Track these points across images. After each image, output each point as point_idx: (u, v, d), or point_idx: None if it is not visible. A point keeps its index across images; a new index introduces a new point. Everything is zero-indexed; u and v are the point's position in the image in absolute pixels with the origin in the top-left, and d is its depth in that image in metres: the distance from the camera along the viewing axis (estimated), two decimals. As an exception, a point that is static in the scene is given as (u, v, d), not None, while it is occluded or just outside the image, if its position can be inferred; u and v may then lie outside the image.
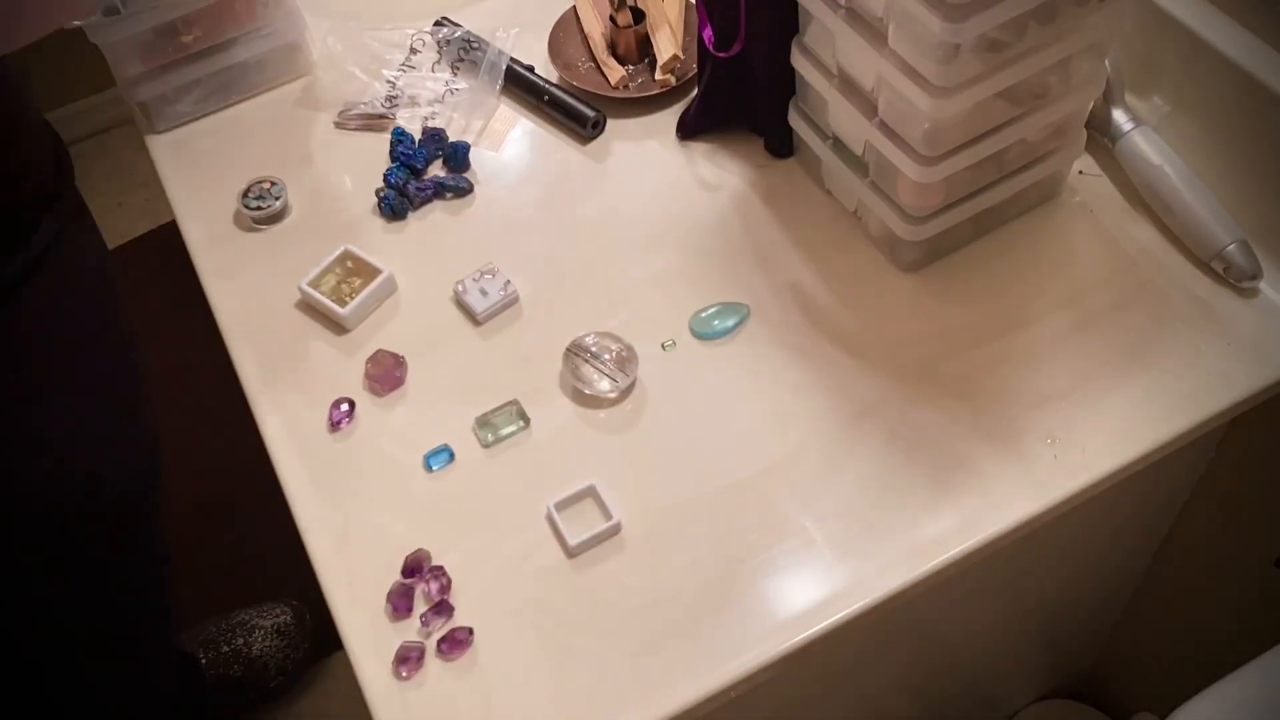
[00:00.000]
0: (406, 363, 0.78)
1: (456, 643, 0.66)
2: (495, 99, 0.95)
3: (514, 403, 0.76)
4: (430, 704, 0.64)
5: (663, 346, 0.78)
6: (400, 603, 0.67)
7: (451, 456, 0.74)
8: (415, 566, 0.69)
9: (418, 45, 0.98)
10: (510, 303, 0.81)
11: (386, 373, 0.77)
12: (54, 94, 2.15)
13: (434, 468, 0.74)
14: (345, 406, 0.76)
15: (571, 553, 0.69)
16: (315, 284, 0.82)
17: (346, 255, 0.83)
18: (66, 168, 0.77)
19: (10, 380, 0.72)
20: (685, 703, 0.63)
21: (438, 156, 0.91)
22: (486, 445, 0.74)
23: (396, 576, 0.69)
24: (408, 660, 0.65)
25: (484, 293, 0.81)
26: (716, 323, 0.79)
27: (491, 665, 0.66)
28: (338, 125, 0.94)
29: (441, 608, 0.67)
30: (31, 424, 0.74)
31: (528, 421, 0.75)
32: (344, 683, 1.54)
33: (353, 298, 0.80)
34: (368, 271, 0.82)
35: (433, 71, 0.96)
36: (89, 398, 0.79)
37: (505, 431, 0.75)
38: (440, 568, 0.69)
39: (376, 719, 0.64)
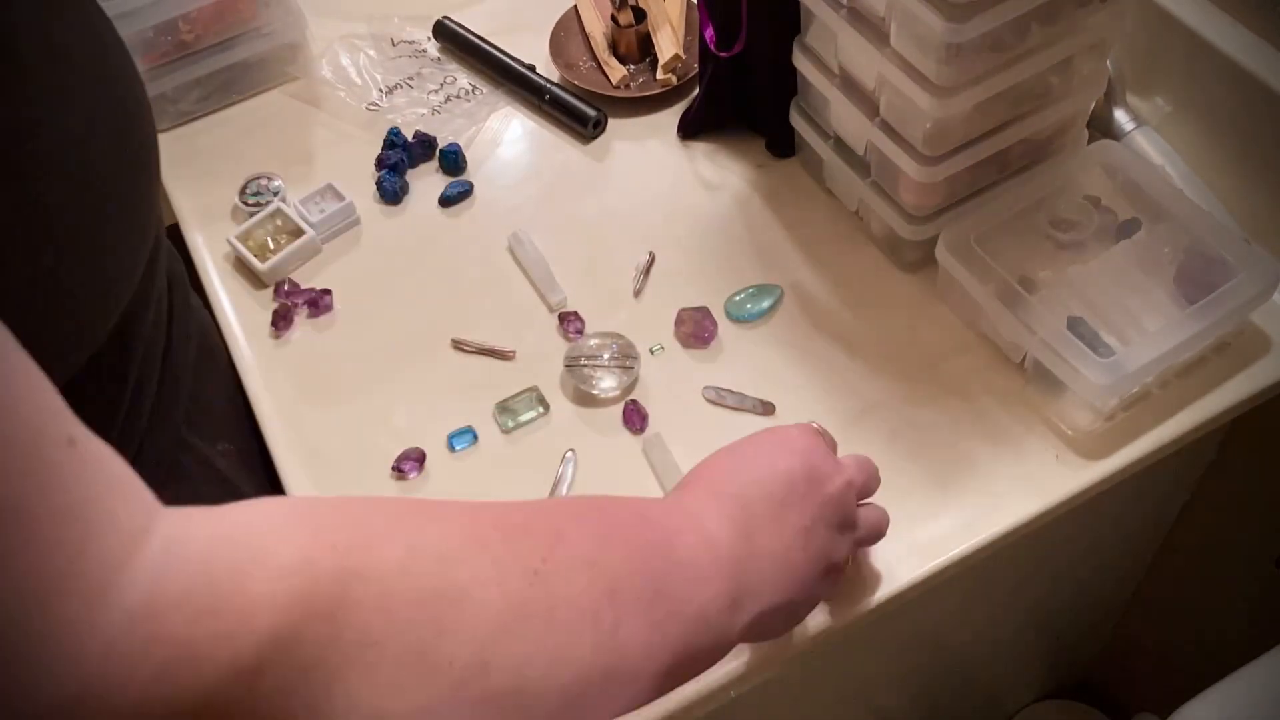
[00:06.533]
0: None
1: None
2: (493, 110, 0.95)
3: (533, 389, 0.76)
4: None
5: (650, 351, 0.78)
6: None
7: (475, 438, 0.74)
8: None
9: (424, 71, 0.97)
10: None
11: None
12: (54, 92, 2.15)
13: (457, 448, 0.74)
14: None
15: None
16: (243, 238, 0.84)
17: (277, 213, 0.85)
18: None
19: None
20: (685, 703, 0.63)
21: (427, 160, 0.91)
22: (507, 430, 0.75)
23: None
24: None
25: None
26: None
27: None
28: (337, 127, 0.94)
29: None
30: None
31: (547, 408, 0.75)
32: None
33: (275, 254, 0.83)
34: (294, 230, 0.85)
35: (429, 97, 0.96)
36: None
37: (525, 417, 0.75)
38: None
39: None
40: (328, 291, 0.82)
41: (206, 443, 0.70)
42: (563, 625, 0.43)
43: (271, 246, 0.84)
